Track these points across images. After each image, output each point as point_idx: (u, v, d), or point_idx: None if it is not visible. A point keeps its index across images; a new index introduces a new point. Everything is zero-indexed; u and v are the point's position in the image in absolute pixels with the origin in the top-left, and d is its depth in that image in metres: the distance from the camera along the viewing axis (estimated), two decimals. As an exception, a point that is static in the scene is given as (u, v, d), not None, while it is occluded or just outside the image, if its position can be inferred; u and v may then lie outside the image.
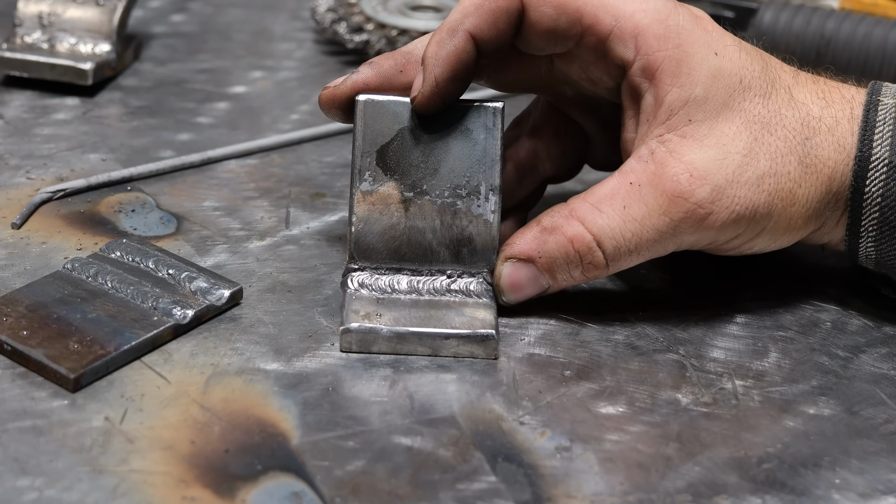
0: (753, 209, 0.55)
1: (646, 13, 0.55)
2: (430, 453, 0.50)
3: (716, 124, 0.55)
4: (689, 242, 0.56)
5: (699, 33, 0.55)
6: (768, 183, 0.55)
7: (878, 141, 0.55)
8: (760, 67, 0.56)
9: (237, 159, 0.71)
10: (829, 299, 0.61)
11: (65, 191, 0.66)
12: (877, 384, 0.55)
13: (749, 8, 0.81)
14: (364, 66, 0.58)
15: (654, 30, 0.55)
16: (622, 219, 0.55)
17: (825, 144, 0.56)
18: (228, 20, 0.89)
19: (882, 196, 0.55)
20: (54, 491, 0.47)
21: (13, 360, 0.54)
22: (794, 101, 0.56)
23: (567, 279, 0.56)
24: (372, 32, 0.81)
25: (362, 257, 0.57)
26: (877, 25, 0.78)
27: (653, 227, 0.55)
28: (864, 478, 0.50)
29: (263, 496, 0.48)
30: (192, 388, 0.53)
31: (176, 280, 0.58)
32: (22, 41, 0.77)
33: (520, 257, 0.56)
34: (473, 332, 0.55)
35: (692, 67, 0.55)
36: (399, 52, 0.58)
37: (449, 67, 0.56)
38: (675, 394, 0.54)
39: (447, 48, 0.55)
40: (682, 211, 0.54)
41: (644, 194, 0.55)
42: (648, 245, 0.55)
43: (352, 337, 0.55)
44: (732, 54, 0.56)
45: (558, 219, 0.56)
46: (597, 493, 0.49)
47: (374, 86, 0.58)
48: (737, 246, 0.57)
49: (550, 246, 0.56)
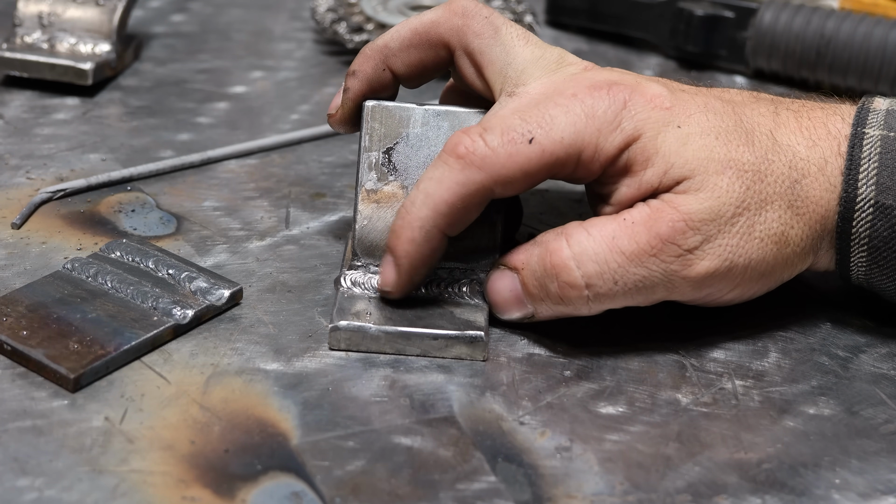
0: (747, 257, 0.54)
1: (601, 132, 0.54)
2: (430, 453, 0.50)
3: (707, 178, 0.54)
4: (681, 292, 0.55)
5: (656, 115, 0.55)
6: (760, 229, 0.54)
7: (864, 180, 0.55)
8: (733, 122, 0.56)
9: (237, 159, 0.71)
10: (829, 299, 0.61)
11: (65, 191, 0.66)
12: (877, 384, 0.56)
13: (749, 8, 0.81)
14: (349, 79, 0.60)
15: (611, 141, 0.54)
16: (609, 248, 0.54)
17: (815, 185, 0.55)
18: (228, 20, 0.89)
19: (869, 237, 0.55)
20: (54, 491, 0.48)
21: (13, 360, 0.54)
22: (779, 146, 0.56)
23: (545, 299, 0.55)
24: (372, 32, 0.81)
25: (365, 254, 0.58)
26: (877, 25, 0.78)
27: (641, 266, 0.54)
28: (864, 478, 0.50)
29: (263, 496, 0.48)
30: (192, 388, 0.53)
31: (176, 280, 0.58)
32: (22, 41, 0.77)
33: (507, 265, 0.56)
34: (462, 333, 0.55)
35: (657, 148, 0.54)
36: (372, 50, 0.59)
37: (424, 266, 0.56)
38: (675, 394, 0.54)
39: (423, 251, 0.55)
40: (672, 256, 0.54)
41: (636, 232, 0.54)
42: (634, 284, 0.54)
43: (340, 335, 0.55)
44: (698, 120, 0.55)
45: (549, 234, 0.55)
46: (597, 493, 0.49)
47: (369, 94, 0.59)
48: (739, 296, 0.56)
49: (533, 258, 0.55)
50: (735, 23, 0.82)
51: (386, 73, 0.59)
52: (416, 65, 0.59)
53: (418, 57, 0.59)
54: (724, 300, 0.56)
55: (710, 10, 0.82)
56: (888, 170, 0.54)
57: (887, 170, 0.54)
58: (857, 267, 0.56)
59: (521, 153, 0.54)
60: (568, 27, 0.89)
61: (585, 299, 0.54)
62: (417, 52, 0.59)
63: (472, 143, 0.54)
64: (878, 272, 0.56)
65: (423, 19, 0.59)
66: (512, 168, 0.54)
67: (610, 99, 0.55)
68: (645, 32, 0.85)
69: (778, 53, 0.80)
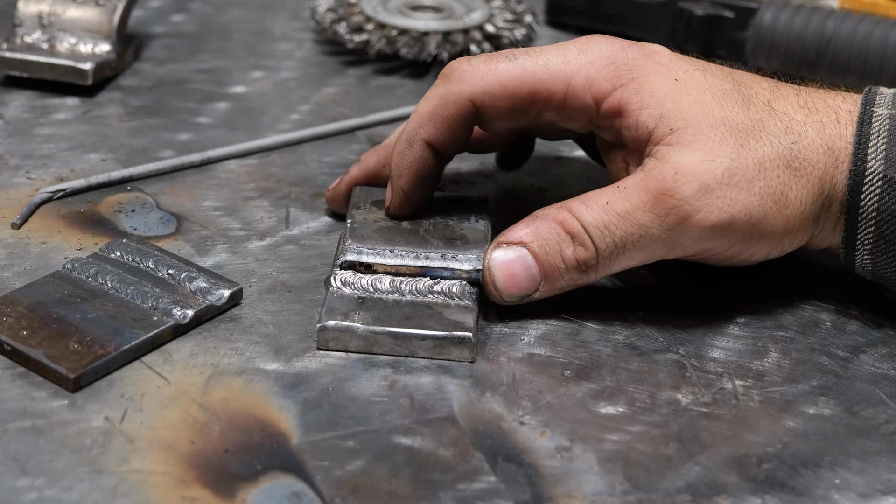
0: (748, 211, 0.55)
1: (592, 64, 0.57)
2: (430, 453, 0.50)
3: (700, 130, 0.55)
4: (682, 246, 0.56)
5: (652, 65, 0.57)
6: (759, 186, 0.55)
7: (873, 154, 0.55)
8: (731, 85, 0.57)
9: (237, 159, 0.71)
10: (829, 299, 0.61)
11: (65, 191, 0.66)
12: (877, 384, 0.56)
13: (749, 8, 0.81)
14: (353, 166, 0.64)
15: (604, 74, 0.56)
16: (605, 212, 0.55)
17: (813, 147, 0.56)
18: (228, 20, 0.89)
19: (878, 210, 0.55)
20: (54, 491, 0.48)
21: (13, 360, 0.54)
22: (775, 112, 0.56)
23: (557, 268, 0.56)
24: (372, 32, 0.81)
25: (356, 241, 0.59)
26: (877, 25, 0.78)
27: (637, 223, 0.55)
28: (864, 478, 0.50)
29: (263, 496, 0.48)
30: (192, 388, 0.53)
31: (176, 280, 0.58)
32: (22, 41, 0.77)
33: (512, 242, 0.56)
34: (450, 334, 0.55)
35: (654, 90, 0.56)
36: (381, 147, 0.64)
37: (412, 177, 0.59)
38: (675, 394, 0.54)
39: (408, 159, 0.59)
40: (667, 207, 0.54)
41: (628, 193, 0.55)
42: (635, 242, 0.55)
43: (328, 334, 0.55)
44: (695, 77, 0.56)
45: (549, 209, 0.57)
46: (597, 493, 0.49)
47: (364, 182, 0.64)
48: (738, 253, 0.56)
49: (541, 229, 0.56)
50: (735, 23, 0.82)
51: (385, 169, 0.62)
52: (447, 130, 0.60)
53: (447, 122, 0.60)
54: (722, 257, 0.57)
55: (710, 10, 0.82)
56: None
57: None
58: (864, 246, 0.56)
59: (501, 68, 0.57)
60: (568, 27, 0.89)
61: (595, 266, 0.56)
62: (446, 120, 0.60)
63: (456, 63, 0.58)
64: (884, 249, 0.56)
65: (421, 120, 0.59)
66: (491, 81, 0.57)
67: (606, 42, 0.57)
68: (645, 32, 0.85)
69: (778, 53, 0.80)
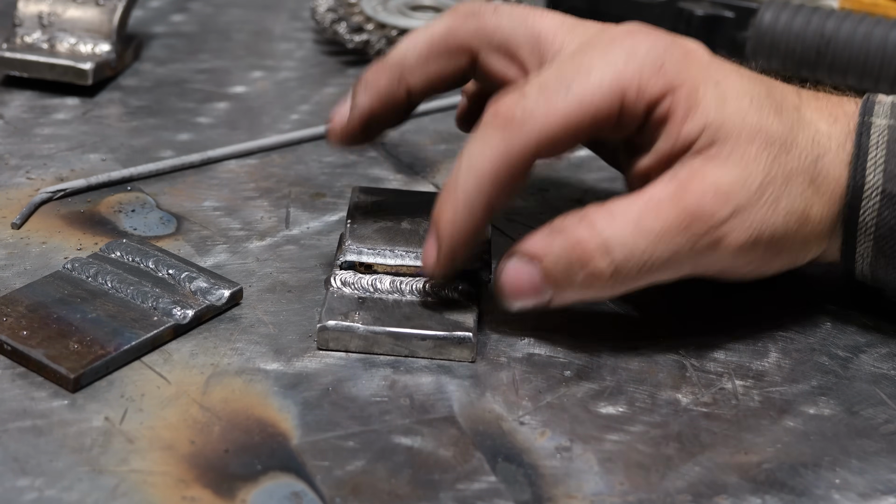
0: (772, 230, 0.53)
1: (642, 71, 0.53)
2: (430, 453, 0.50)
3: (738, 143, 0.53)
4: (705, 266, 0.54)
5: (696, 68, 0.54)
6: (784, 203, 0.53)
7: (872, 167, 0.54)
8: (765, 89, 0.55)
9: (237, 159, 0.71)
10: (829, 299, 0.61)
11: (65, 191, 0.66)
12: (877, 384, 0.56)
13: (749, 8, 0.81)
14: (361, 92, 0.57)
15: (654, 81, 0.53)
16: (634, 231, 0.52)
17: (836, 162, 0.55)
18: (228, 20, 0.89)
19: (876, 226, 0.54)
20: (54, 491, 0.47)
21: (13, 360, 0.54)
22: (803, 120, 0.55)
23: (567, 288, 0.53)
24: (372, 32, 0.81)
25: (356, 241, 0.58)
26: (877, 25, 0.78)
27: (669, 244, 0.52)
28: (864, 478, 0.50)
29: (263, 496, 0.48)
30: (192, 388, 0.53)
31: (176, 280, 0.58)
32: (22, 41, 0.77)
33: (526, 254, 0.54)
34: (451, 334, 0.55)
35: (698, 101, 0.53)
36: (389, 65, 0.57)
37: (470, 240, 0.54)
38: (675, 394, 0.54)
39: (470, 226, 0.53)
40: (702, 230, 0.52)
41: (662, 210, 0.52)
42: (661, 263, 0.52)
43: (328, 335, 0.55)
44: (734, 81, 0.54)
45: (569, 220, 0.53)
46: (597, 493, 0.49)
47: (379, 110, 0.57)
48: (755, 269, 0.55)
49: (556, 247, 0.53)
50: (735, 23, 0.82)
51: (401, 89, 0.57)
52: (436, 77, 0.57)
53: (438, 69, 0.57)
54: (738, 274, 0.55)
55: (710, 10, 0.82)
56: None
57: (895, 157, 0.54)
58: (863, 258, 0.56)
59: (559, 107, 0.52)
60: (568, 27, 0.89)
61: (612, 284, 0.53)
62: (437, 64, 0.57)
63: (510, 106, 0.52)
64: (883, 262, 0.55)
65: (437, 29, 0.57)
66: (553, 124, 0.52)
67: (650, 41, 0.54)
68: (645, 32, 0.85)
69: (778, 53, 0.80)
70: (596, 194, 0.68)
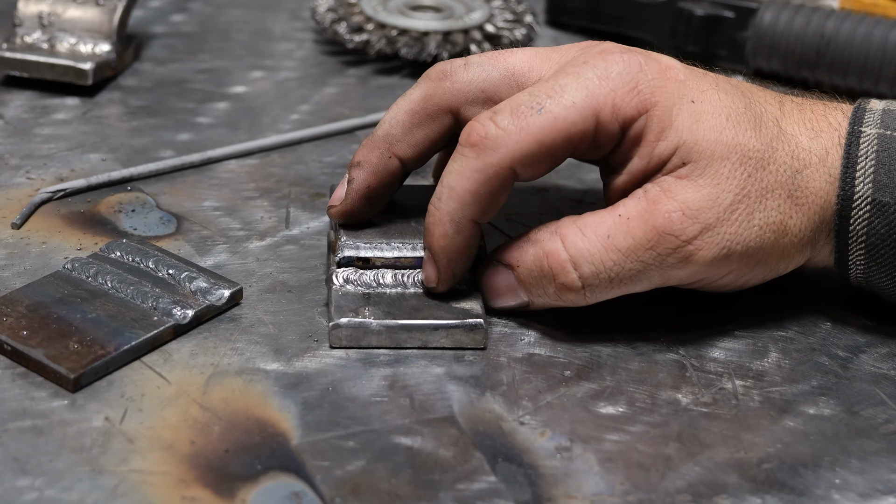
0: (745, 245, 0.54)
1: (616, 91, 0.54)
2: (430, 453, 0.50)
3: (711, 163, 0.54)
4: (677, 278, 0.55)
5: (671, 86, 0.55)
6: (759, 217, 0.54)
7: (861, 178, 0.55)
8: (743, 104, 0.55)
9: (237, 159, 0.71)
10: (829, 299, 0.61)
11: (65, 191, 0.66)
12: (877, 384, 0.56)
13: (749, 8, 0.81)
14: (353, 170, 0.58)
15: (628, 101, 0.54)
16: (604, 247, 0.54)
17: (816, 176, 0.55)
18: (228, 20, 0.89)
19: (867, 235, 0.55)
20: (54, 491, 0.47)
21: (13, 360, 0.54)
22: (784, 134, 0.56)
23: (542, 296, 0.56)
24: (372, 32, 0.81)
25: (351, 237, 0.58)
26: (877, 25, 0.78)
27: (637, 260, 0.54)
28: (864, 478, 0.50)
29: (263, 496, 0.48)
30: (192, 388, 0.53)
31: (176, 280, 0.58)
32: (22, 41, 0.77)
33: (501, 261, 0.56)
34: (462, 321, 0.55)
35: (671, 120, 0.54)
36: (376, 139, 0.58)
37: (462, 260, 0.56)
38: (675, 394, 0.54)
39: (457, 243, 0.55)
40: (670, 247, 0.54)
41: (632, 227, 0.54)
42: (630, 277, 0.54)
43: (342, 332, 0.55)
44: (710, 98, 0.55)
45: (543, 233, 0.55)
46: (597, 493, 0.49)
47: (376, 184, 0.58)
48: (733, 281, 0.56)
49: (528, 257, 0.55)
50: (735, 23, 0.82)
51: (393, 161, 0.58)
52: (424, 143, 0.58)
53: (423, 135, 0.58)
54: (717, 285, 0.56)
55: (710, 10, 0.82)
56: (885, 167, 0.54)
57: (884, 167, 0.54)
58: (856, 266, 0.56)
59: (532, 125, 0.53)
60: (568, 27, 0.89)
61: (582, 296, 0.55)
62: (422, 131, 0.58)
63: (482, 128, 0.54)
64: (876, 270, 0.56)
65: (414, 97, 0.58)
66: (527, 142, 0.53)
67: (624, 62, 0.55)
68: (645, 32, 0.85)
69: (778, 53, 0.80)
70: (596, 194, 0.68)
